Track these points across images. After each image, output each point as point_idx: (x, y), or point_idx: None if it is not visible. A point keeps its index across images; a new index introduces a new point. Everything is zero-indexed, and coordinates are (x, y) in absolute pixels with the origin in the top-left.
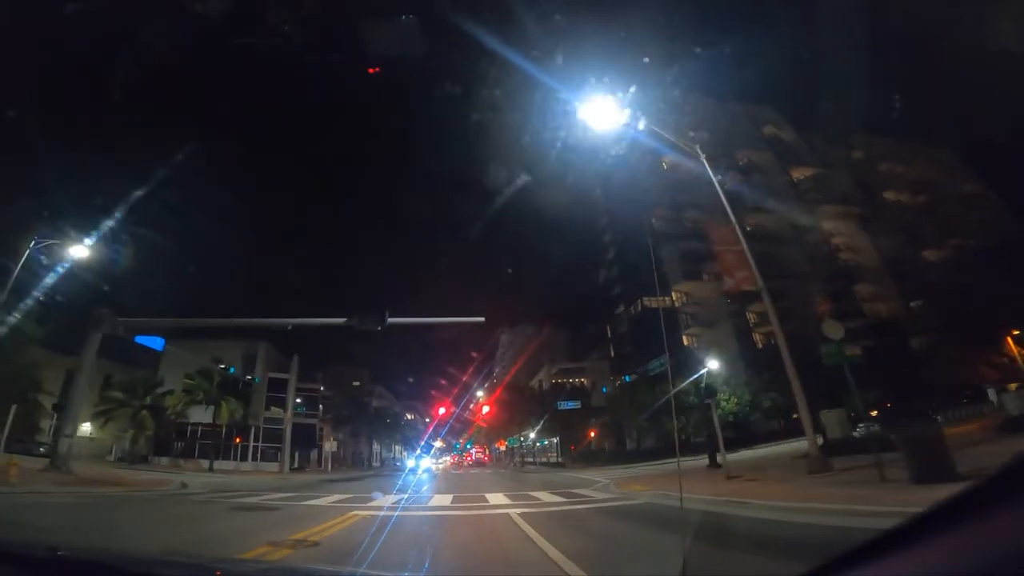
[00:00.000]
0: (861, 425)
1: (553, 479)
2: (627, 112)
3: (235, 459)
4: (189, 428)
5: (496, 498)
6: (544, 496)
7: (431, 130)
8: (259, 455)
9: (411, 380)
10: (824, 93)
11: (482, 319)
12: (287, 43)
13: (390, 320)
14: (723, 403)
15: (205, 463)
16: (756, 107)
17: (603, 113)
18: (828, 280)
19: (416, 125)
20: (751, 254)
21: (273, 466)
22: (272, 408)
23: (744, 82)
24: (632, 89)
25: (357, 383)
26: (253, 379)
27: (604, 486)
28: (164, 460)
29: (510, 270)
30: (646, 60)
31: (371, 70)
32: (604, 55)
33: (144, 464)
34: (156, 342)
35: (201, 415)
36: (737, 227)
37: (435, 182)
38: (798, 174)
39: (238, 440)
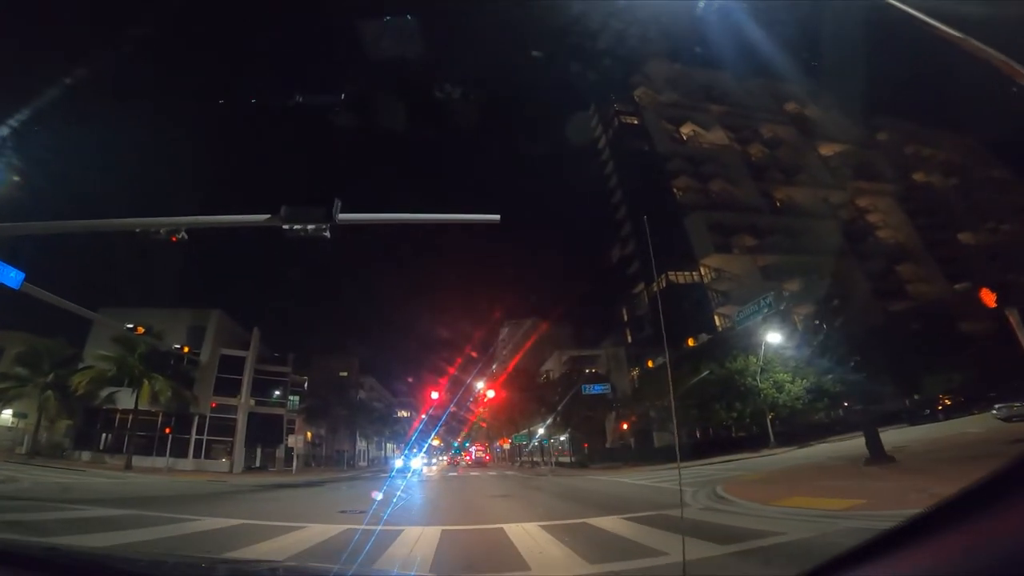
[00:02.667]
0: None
1: (594, 488)
2: None
3: (174, 455)
4: (118, 416)
5: (536, 547)
6: (649, 539)
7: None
8: (204, 451)
9: (410, 380)
10: (845, 72)
11: (496, 217)
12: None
13: (342, 216)
14: (788, 387)
15: (136, 459)
16: (778, 83)
17: None
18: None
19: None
20: None
21: (223, 465)
22: (238, 396)
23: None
24: None
25: (344, 373)
26: (187, 352)
27: (704, 495)
28: (86, 455)
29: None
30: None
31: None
32: None
33: (58, 459)
34: (6, 275)
35: (141, 402)
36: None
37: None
38: (826, 150)
39: (167, 431)
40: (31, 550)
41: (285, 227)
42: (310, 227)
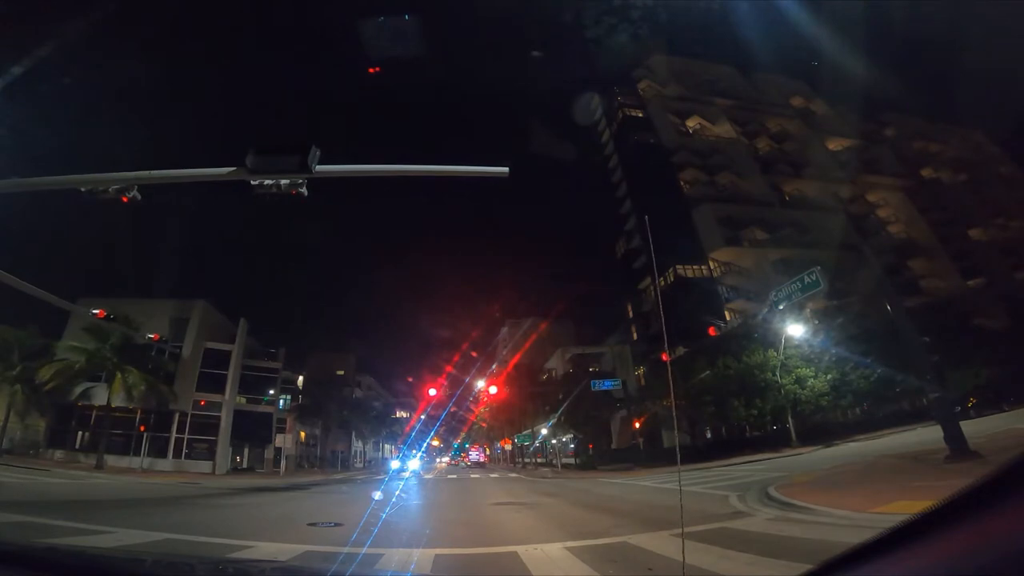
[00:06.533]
0: None
1: (616, 494)
2: None
3: (152, 455)
4: (94, 413)
5: None
6: (724, 566)
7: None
8: (186, 451)
9: (410, 379)
10: (851, 67)
11: (505, 170)
12: None
13: (320, 168)
14: (812, 382)
15: (112, 459)
16: (783, 78)
17: None
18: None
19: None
20: None
21: (206, 465)
22: (222, 393)
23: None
24: None
25: (341, 371)
26: (159, 342)
27: (755, 500)
28: (59, 453)
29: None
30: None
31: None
32: None
33: (29, 458)
34: None
35: (115, 398)
36: None
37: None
38: (835, 145)
39: (142, 429)
40: (32, 550)
41: (254, 183)
42: (283, 182)
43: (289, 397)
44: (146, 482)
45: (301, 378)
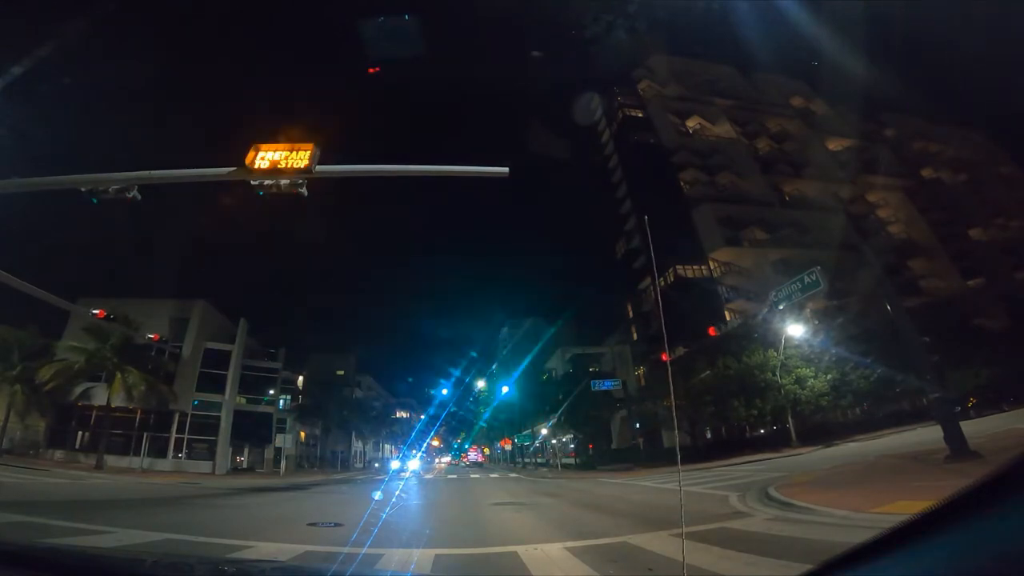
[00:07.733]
0: None
1: (616, 494)
2: None
3: (152, 455)
4: (94, 413)
5: None
6: (721, 565)
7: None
8: (185, 451)
9: (410, 379)
10: (851, 67)
11: (505, 170)
12: None
13: (320, 168)
14: (812, 382)
15: (112, 459)
16: (783, 78)
17: None
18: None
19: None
20: None
21: (206, 465)
22: (223, 393)
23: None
24: None
25: (341, 372)
26: (159, 342)
27: (755, 500)
28: (59, 454)
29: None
30: None
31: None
32: None
33: (29, 458)
34: None
35: (115, 398)
36: None
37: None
38: (835, 145)
39: (142, 427)
40: (32, 550)
41: (254, 183)
42: (283, 182)
43: (289, 397)
44: (146, 482)
45: (301, 378)
